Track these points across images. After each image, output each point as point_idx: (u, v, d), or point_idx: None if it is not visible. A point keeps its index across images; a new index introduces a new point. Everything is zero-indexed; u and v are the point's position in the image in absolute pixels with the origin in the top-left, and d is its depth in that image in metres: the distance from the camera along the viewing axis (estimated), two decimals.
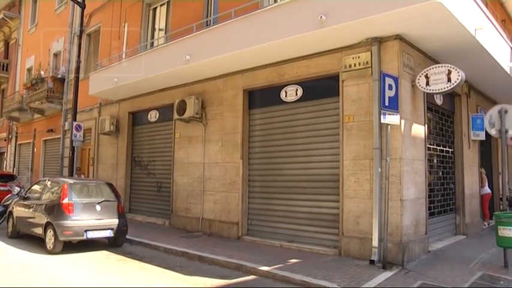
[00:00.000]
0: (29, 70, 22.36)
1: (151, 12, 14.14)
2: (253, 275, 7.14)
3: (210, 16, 11.34)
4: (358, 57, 8.09)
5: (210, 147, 11.02)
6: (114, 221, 9.39)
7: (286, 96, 9.67)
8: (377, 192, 7.51)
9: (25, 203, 10.49)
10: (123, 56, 13.21)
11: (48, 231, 8.99)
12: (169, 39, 11.66)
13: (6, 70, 25.58)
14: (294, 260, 7.77)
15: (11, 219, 10.91)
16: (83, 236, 8.89)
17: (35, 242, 9.62)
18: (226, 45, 9.19)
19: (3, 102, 25.15)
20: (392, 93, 7.47)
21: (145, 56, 11.61)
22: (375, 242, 7.44)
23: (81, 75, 14.77)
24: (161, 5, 13.82)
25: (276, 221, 9.63)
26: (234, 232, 10.20)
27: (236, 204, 10.24)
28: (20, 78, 23.38)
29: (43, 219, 9.27)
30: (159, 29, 13.84)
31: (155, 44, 13.28)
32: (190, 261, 8.27)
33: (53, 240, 8.82)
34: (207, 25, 10.77)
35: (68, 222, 8.76)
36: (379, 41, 7.79)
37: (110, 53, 14.62)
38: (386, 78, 7.43)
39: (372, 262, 7.38)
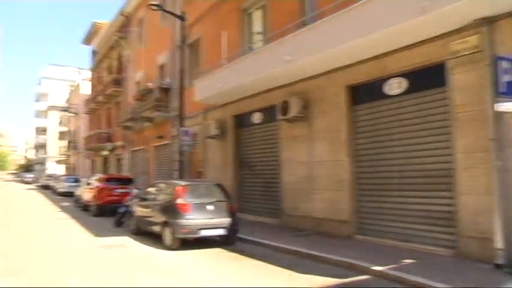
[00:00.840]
0: (139, 83, 24.40)
1: (247, 17, 14.59)
2: (367, 274, 6.99)
3: (307, 15, 11.35)
4: (466, 41, 7.50)
5: (315, 145, 11.04)
6: (226, 220, 9.86)
7: (389, 89, 9.33)
8: (497, 188, 6.89)
9: (143, 203, 11.52)
10: (224, 62, 13.80)
11: (166, 229, 9.75)
12: (267, 42, 11.93)
13: (120, 85, 28.28)
14: (408, 261, 7.45)
15: (133, 218, 12.06)
16: (197, 234, 9.49)
17: (155, 239, 10.47)
18: (326, 42, 9.11)
19: (119, 114, 27.83)
20: (509, 77, 6.78)
21: (245, 60, 12.02)
22: (500, 243, 6.79)
23: (186, 84, 15.69)
24: (257, 9, 14.19)
25: (387, 220, 9.33)
26: (343, 231, 10.10)
27: (345, 203, 10.13)
28: (132, 91, 25.62)
29: (160, 218, 10.09)
30: (257, 33, 14.22)
31: (254, 48, 13.67)
32: (302, 259, 8.34)
33: (170, 237, 9.54)
34: (304, 25, 10.80)
35: (183, 221, 9.42)
36: (490, 20, 7.14)
37: (212, 60, 15.38)
38: (502, 61, 6.76)
39: (497, 266, 6.74)
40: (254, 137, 14.04)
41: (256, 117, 13.80)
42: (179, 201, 9.65)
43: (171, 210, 9.77)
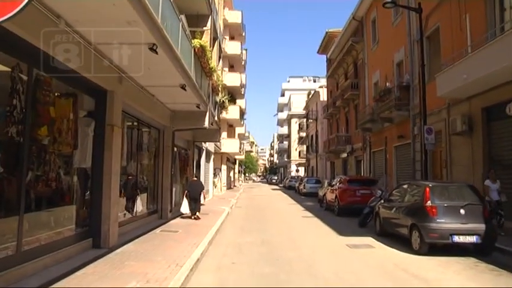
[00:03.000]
0: (376, 84, 24.34)
1: None
2: None
3: None
4: None
5: None
6: (481, 226, 8.80)
7: None
8: None
9: (388, 204, 11.39)
10: (469, 50, 12.37)
11: (414, 232, 9.35)
12: None
13: (357, 88, 28.86)
14: None
15: (377, 219, 12.06)
16: (448, 239, 8.79)
17: (400, 241, 10.20)
18: None
19: (357, 116, 28.43)
20: None
21: (497, 44, 10.44)
22: None
23: (426, 79, 14.76)
24: None
25: None
26: None
27: None
28: (369, 92, 25.79)
29: (407, 220, 9.75)
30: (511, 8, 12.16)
31: (506, 27, 11.76)
32: None
33: (418, 241, 9.10)
34: None
35: (432, 225, 8.85)
36: None
37: (453, 50, 14.02)
38: None
39: None
40: (510, 130, 12.00)
41: None
42: (428, 203, 9.12)
43: (418, 212, 9.34)
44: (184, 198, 14.82)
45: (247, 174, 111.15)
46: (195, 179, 16.14)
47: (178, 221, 14.19)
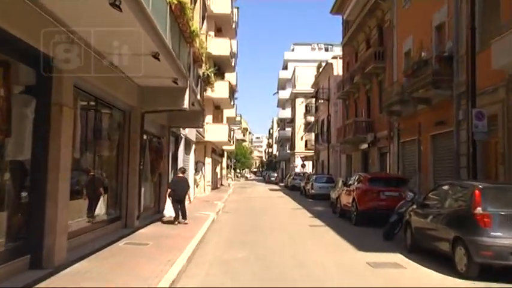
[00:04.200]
0: (407, 54, 24.06)
1: None
2: None
3: None
4: None
5: None
6: None
7: None
8: None
9: (423, 211, 11.25)
10: None
11: (458, 248, 9.18)
12: None
13: (382, 58, 28.54)
14: None
15: (408, 230, 11.93)
16: (507, 260, 8.56)
17: (440, 260, 10.05)
18: None
19: (381, 96, 28.13)
20: None
21: None
22: None
23: (476, 47, 14.46)
24: None
25: None
26: None
27: None
28: (398, 65, 25.51)
29: (449, 232, 9.59)
30: None
31: None
32: None
33: (465, 261, 8.92)
34: None
35: (485, 240, 8.64)
36: None
37: None
38: None
39: None
40: None
41: None
42: (478, 210, 8.93)
43: (465, 222, 9.18)
44: (167, 199, 15.37)
45: (238, 170, 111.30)
46: (181, 175, 16.60)
47: (149, 230, 14.05)
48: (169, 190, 15.59)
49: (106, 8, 6.94)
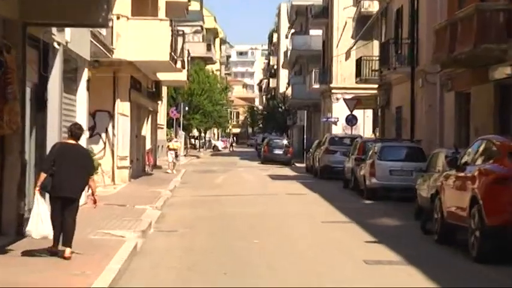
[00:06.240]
0: None
1: None
2: None
3: None
4: None
5: None
6: None
7: None
8: None
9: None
10: None
11: None
12: None
13: None
14: None
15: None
16: None
17: None
18: None
19: None
20: None
21: None
22: None
23: None
24: None
25: None
26: None
27: None
28: None
29: None
30: None
31: None
32: None
33: None
34: None
35: None
36: None
37: None
38: None
39: None
40: None
41: None
42: None
43: None
44: (39, 197, 7.87)
45: (198, 133, 64.48)
46: (72, 141, 8.49)
47: None
48: (41, 175, 7.97)
49: None
